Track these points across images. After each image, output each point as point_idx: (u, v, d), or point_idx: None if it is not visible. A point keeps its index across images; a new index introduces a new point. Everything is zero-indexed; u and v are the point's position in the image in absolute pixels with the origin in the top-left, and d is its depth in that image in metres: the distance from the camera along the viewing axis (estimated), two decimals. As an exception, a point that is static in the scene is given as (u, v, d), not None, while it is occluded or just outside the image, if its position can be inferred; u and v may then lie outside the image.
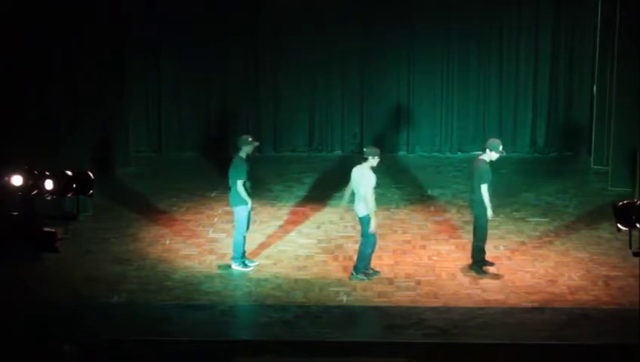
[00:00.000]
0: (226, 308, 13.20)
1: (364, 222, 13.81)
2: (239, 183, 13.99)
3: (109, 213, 16.75)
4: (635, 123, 16.93)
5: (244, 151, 14.06)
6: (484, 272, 14.01)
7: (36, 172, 10.00)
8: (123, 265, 14.54)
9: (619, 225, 9.96)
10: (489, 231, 14.21)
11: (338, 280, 14.00)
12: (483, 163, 13.88)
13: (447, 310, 13.00)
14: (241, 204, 14.13)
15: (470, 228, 15.85)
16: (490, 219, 14.01)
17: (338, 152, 20.53)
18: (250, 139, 14.16)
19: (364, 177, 13.68)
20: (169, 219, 16.55)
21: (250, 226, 14.59)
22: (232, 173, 14.09)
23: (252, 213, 14.56)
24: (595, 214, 16.53)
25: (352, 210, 14.32)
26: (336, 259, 14.80)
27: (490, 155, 13.85)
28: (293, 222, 16.41)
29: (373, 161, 13.74)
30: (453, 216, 16.65)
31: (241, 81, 20.45)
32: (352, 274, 14.00)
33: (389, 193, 17.75)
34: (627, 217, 9.87)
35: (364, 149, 14.09)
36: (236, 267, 14.30)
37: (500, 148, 13.84)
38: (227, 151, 17.64)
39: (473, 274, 14.06)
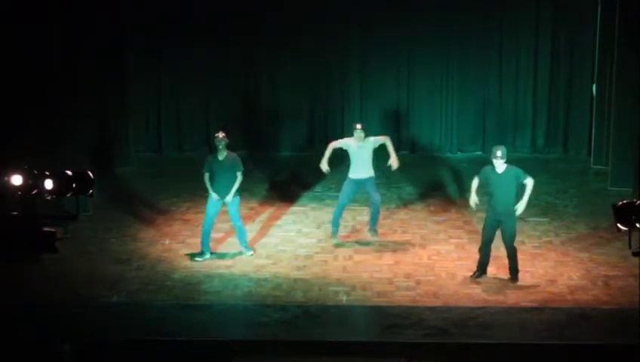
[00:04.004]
0: (225, 308, 13.21)
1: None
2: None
3: (109, 213, 16.76)
4: (635, 123, 16.94)
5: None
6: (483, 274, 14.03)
7: (36, 172, 10.00)
8: (123, 265, 14.55)
9: (619, 225, 9.96)
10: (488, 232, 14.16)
11: (338, 279, 14.01)
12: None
13: (447, 310, 13.00)
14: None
15: (469, 227, 15.92)
16: (473, 207, 14.08)
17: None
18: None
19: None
20: (169, 219, 16.56)
21: (240, 223, 14.85)
22: None
23: (228, 206, 14.72)
24: (595, 214, 16.53)
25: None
26: (336, 258, 14.81)
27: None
28: (293, 222, 16.42)
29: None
30: (453, 216, 16.65)
31: (241, 81, 20.44)
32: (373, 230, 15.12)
33: (389, 193, 17.75)
34: (627, 217, 9.87)
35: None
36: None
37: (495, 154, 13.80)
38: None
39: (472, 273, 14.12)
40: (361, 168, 15.13)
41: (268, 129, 20.59)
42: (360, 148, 15.08)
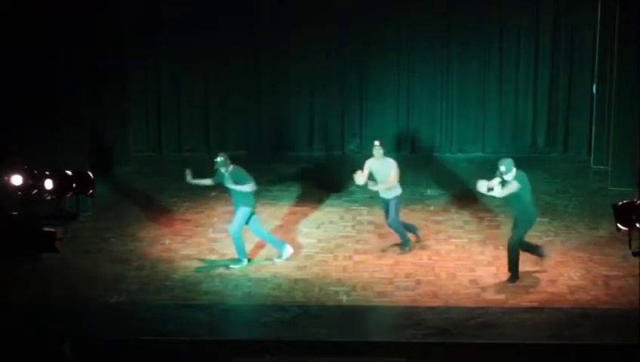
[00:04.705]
0: (225, 308, 13.21)
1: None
2: None
3: (109, 213, 16.76)
4: (635, 123, 16.94)
5: None
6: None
7: (36, 172, 10.01)
8: (123, 265, 14.54)
9: (619, 225, 9.96)
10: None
11: (338, 279, 14.00)
12: None
13: (447, 310, 13.00)
14: None
15: (470, 227, 15.93)
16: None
17: (338, 152, 20.51)
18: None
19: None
20: (169, 219, 16.56)
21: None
22: None
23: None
24: (595, 214, 16.53)
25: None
26: (336, 258, 14.80)
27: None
28: (293, 222, 16.41)
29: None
30: (453, 215, 16.64)
31: (240, 81, 20.43)
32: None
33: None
34: (627, 217, 9.88)
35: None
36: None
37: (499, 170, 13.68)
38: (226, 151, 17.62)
39: (472, 274, 14.10)
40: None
41: (268, 129, 20.58)
42: (381, 166, 14.89)
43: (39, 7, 15.21)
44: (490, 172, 13.91)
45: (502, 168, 13.49)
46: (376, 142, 15.03)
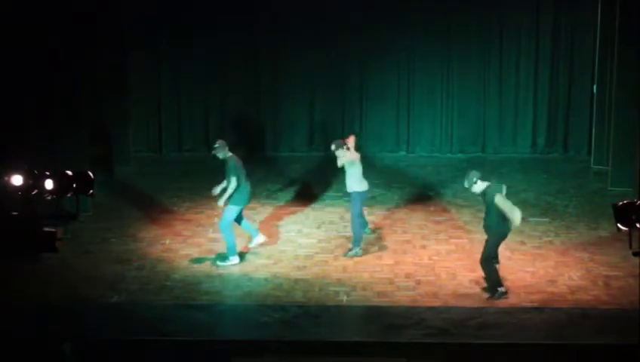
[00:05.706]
0: (225, 308, 13.22)
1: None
2: None
3: (109, 213, 16.76)
4: (635, 123, 16.95)
5: None
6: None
7: (36, 172, 10.01)
8: (123, 265, 14.54)
9: (619, 225, 9.97)
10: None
11: (338, 280, 14.00)
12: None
13: (447, 310, 13.00)
14: None
15: (470, 227, 15.93)
16: None
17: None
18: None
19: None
20: (169, 219, 16.56)
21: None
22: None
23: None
24: (595, 214, 16.54)
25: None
26: (336, 259, 14.80)
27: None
28: (293, 222, 16.41)
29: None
30: (453, 216, 16.65)
31: (240, 80, 20.45)
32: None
33: (389, 193, 17.75)
34: (627, 217, 9.88)
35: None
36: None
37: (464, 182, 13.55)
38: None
39: (472, 274, 14.09)
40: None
41: (268, 129, 20.60)
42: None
43: (39, 7, 15.21)
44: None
45: (465, 184, 13.29)
46: (345, 140, 15.04)
